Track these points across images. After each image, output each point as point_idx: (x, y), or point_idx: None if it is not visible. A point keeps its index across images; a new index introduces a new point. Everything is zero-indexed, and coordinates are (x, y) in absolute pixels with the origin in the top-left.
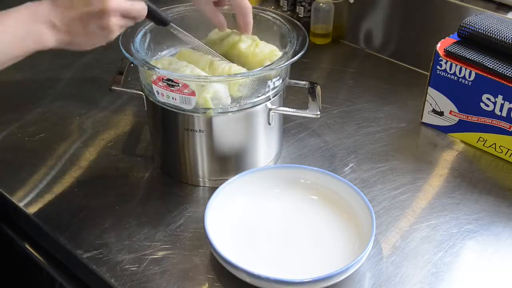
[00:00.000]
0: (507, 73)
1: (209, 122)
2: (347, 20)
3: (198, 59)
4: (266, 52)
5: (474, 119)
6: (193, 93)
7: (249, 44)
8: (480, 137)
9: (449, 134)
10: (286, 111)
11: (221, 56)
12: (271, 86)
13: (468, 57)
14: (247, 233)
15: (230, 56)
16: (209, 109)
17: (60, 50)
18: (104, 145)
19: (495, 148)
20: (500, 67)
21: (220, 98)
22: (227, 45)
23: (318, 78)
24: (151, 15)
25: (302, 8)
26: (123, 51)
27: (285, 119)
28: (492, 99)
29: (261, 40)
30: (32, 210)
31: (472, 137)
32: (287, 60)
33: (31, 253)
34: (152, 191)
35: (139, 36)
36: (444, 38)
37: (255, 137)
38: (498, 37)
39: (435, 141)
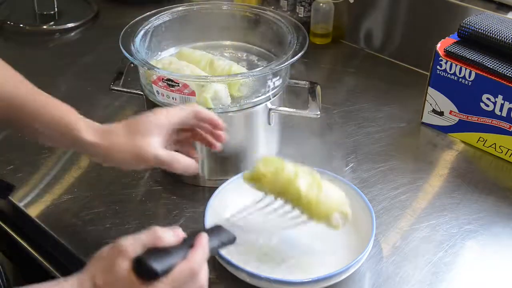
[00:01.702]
0: (507, 73)
1: None
2: (347, 20)
3: (198, 59)
4: (335, 199)
5: (474, 119)
6: (193, 93)
7: (309, 182)
8: (480, 137)
9: (449, 134)
10: (286, 111)
11: None
12: (271, 86)
13: (468, 57)
14: (247, 233)
15: (289, 197)
16: (209, 109)
17: (60, 50)
18: None
19: (495, 148)
20: (500, 67)
21: (220, 98)
22: (283, 180)
23: (318, 78)
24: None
25: (302, 8)
26: (123, 51)
27: (285, 119)
28: (492, 99)
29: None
30: (32, 210)
31: (472, 137)
32: (287, 60)
33: (31, 253)
34: (152, 191)
35: (139, 36)
36: (444, 38)
37: (255, 137)
38: (498, 37)
39: (435, 141)
